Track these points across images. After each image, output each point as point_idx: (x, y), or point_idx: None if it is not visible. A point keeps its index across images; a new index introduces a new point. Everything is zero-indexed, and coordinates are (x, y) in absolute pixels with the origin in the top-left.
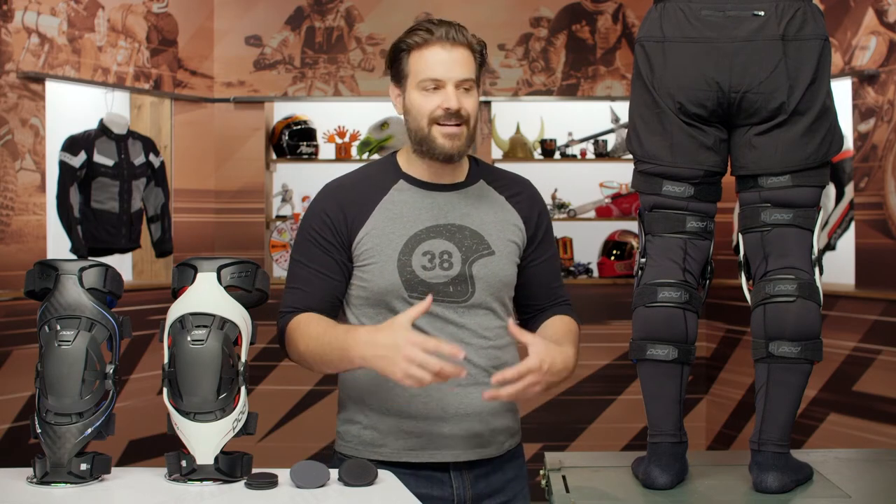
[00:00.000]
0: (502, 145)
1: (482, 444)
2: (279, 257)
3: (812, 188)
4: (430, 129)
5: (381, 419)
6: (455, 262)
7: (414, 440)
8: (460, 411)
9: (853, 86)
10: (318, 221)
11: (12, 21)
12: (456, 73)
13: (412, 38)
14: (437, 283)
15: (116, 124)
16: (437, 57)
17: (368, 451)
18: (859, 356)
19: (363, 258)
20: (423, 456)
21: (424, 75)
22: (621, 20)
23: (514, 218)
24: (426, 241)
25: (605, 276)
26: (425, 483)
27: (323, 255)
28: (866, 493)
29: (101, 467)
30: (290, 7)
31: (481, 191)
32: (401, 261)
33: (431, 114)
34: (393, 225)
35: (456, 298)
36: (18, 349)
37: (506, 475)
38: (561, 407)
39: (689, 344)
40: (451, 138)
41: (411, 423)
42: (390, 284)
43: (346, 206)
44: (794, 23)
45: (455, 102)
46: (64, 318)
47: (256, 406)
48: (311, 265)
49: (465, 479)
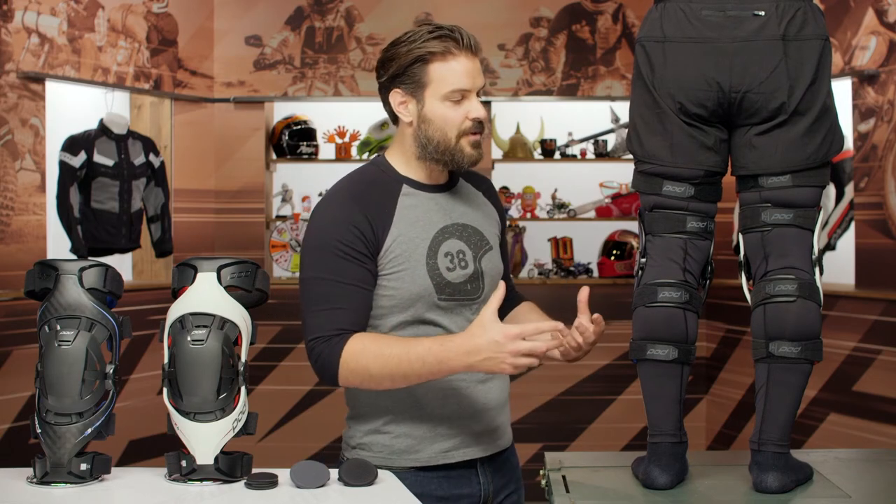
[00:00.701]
0: (502, 145)
1: (499, 436)
2: (279, 257)
3: (812, 188)
4: (458, 140)
5: (414, 426)
6: (469, 260)
7: (449, 442)
8: (485, 406)
9: (853, 86)
10: (347, 234)
11: (12, 21)
12: (479, 82)
13: (433, 44)
14: (458, 282)
15: (116, 124)
16: (464, 67)
17: (403, 459)
18: (859, 356)
19: (391, 266)
20: (457, 456)
21: (454, 87)
22: (621, 20)
23: (492, 212)
24: (444, 241)
25: (605, 276)
26: (456, 483)
27: (358, 268)
28: (866, 493)
29: (101, 467)
30: (290, 7)
31: (465, 189)
32: (429, 264)
33: (461, 125)
34: (415, 229)
35: (472, 296)
36: (18, 349)
37: (511, 465)
38: (561, 407)
39: (689, 344)
40: (477, 146)
41: (445, 425)
42: (422, 289)
43: (370, 215)
44: (795, 23)
45: (483, 112)
46: (64, 318)
47: (256, 406)
48: (346, 280)
49: (488, 474)
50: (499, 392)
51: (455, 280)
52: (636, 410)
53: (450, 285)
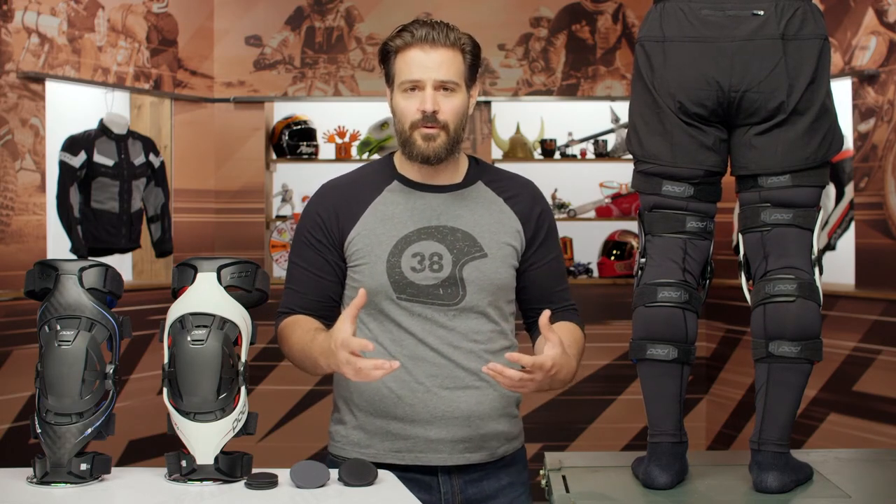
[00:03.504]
0: (502, 145)
1: (471, 450)
2: (279, 257)
3: (812, 188)
4: (411, 131)
5: (368, 420)
6: (445, 265)
7: (401, 442)
8: (447, 414)
9: (853, 86)
10: (311, 222)
11: (12, 21)
12: (434, 74)
13: (395, 40)
14: (426, 285)
15: (116, 124)
16: (415, 59)
17: (356, 451)
18: (859, 356)
19: (354, 259)
20: (410, 458)
21: (404, 77)
22: (621, 20)
23: (512, 220)
24: (416, 242)
25: (605, 276)
26: (412, 486)
27: (315, 256)
28: (866, 493)
29: (101, 467)
30: (290, 7)
31: (478, 192)
32: (390, 262)
33: (412, 116)
34: (383, 226)
35: (446, 301)
36: (18, 349)
37: (500, 481)
38: (561, 407)
39: (689, 344)
40: (428, 140)
41: (398, 424)
42: (379, 286)
43: (338, 206)
44: (794, 22)
45: (430, 105)
46: (64, 318)
47: (256, 406)
48: (305, 266)
49: (455, 484)
50: (473, 404)
51: (420, 282)
52: (636, 410)
53: (412, 286)
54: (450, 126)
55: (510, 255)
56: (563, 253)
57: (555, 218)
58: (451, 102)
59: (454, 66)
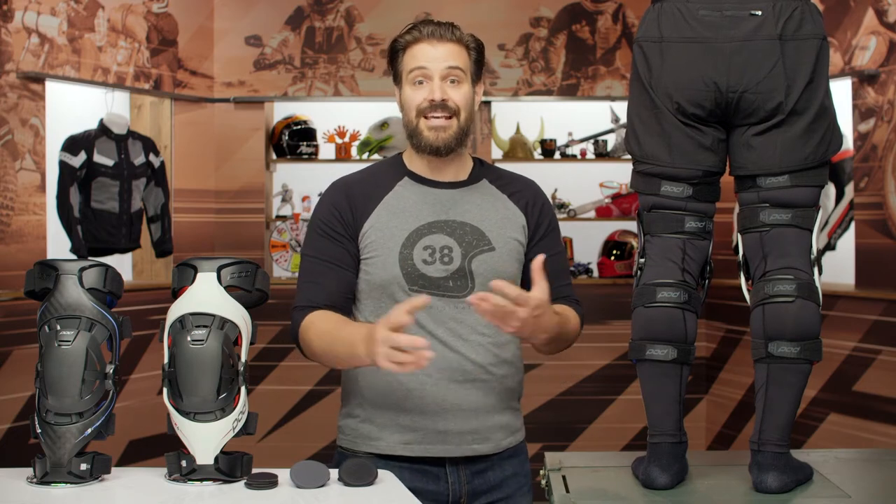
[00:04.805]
0: (502, 145)
1: (478, 441)
2: (279, 257)
3: (811, 188)
4: (417, 121)
5: (378, 413)
6: (455, 257)
7: (410, 434)
8: (456, 407)
9: (853, 86)
10: (328, 214)
11: (12, 21)
12: (441, 64)
13: (404, 36)
14: (436, 276)
15: (116, 124)
16: (423, 51)
17: (365, 444)
18: (859, 356)
19: (367, 251)
20: (419, 450)
21: (412, 66)
22: (621, 20)
23: (517, 215)
24: (427, 235)
25: (605, 276)
26: (420, 477)
27: (335, 247)
28: (866, 493)
29: (101, 467)
30: (290, 7)
31: (483, 188)
32: (402, 254)
33: (419, 106)
34: (396, 219)
35: (455, 293)
36: (18, 349)
37: (504, 472)
38: (561, 407)
39: (688, 344)
40: (437, 130)
41: (408, 417)
42: (392, 277)
43: (353, 199)
44: (792, 22)
45: (440, 93)
46: (64, 318)
47: (256, 406)
48: (323, 258)
49: (462, 475)
50: (481, 396)
51: (432, 274)
52: (636, 410)
53: (423, 278)
54: (461, 113)
55: (516, 249)
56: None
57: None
58: (458, 92)
59: (461, 58)
